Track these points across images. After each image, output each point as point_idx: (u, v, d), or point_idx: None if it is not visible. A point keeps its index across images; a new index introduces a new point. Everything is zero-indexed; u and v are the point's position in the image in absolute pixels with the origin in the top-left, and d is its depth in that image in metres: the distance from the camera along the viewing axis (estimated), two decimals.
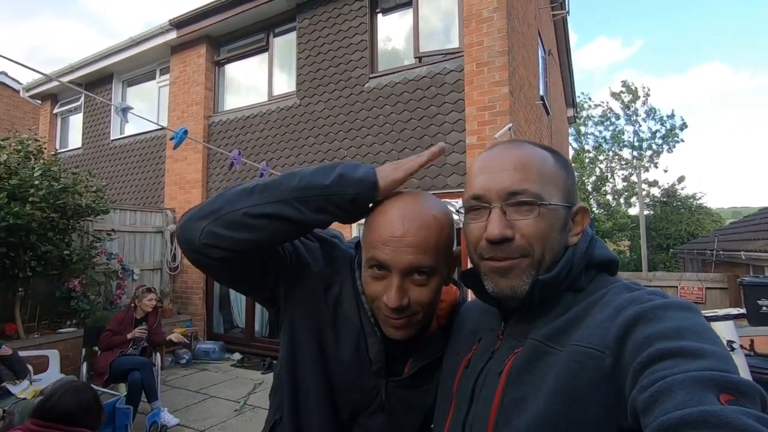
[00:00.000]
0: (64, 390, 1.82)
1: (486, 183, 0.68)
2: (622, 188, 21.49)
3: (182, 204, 6.77)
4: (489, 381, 0.67)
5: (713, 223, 17.16)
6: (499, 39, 4.45)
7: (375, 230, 0.77)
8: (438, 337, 0.88)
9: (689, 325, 0.51)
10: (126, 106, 1.38)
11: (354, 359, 0.85)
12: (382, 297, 0.76)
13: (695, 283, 6.01)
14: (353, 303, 0.86)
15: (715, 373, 0.44)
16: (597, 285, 0.67)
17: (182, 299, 6.58)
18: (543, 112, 6.60)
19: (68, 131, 9.55)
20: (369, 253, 0.77)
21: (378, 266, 0.76)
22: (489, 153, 0.73)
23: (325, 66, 5.69)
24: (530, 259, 0.66)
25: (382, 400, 0.85)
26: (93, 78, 8.24)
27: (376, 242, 0.76)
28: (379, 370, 0.85)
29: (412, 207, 0.77)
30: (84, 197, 4.88)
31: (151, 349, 4.12)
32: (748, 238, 6.48)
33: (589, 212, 0.72)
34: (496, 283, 0.68)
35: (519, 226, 0.65)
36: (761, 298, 3.89)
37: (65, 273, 4.68)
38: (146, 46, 7.22)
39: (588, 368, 0.56)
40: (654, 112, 21.34)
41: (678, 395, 0.43)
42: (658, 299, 0.57)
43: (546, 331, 0.64)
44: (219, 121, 6.69)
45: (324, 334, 0.86)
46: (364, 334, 0.85)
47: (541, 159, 0.69)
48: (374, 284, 0.78)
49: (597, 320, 0.59)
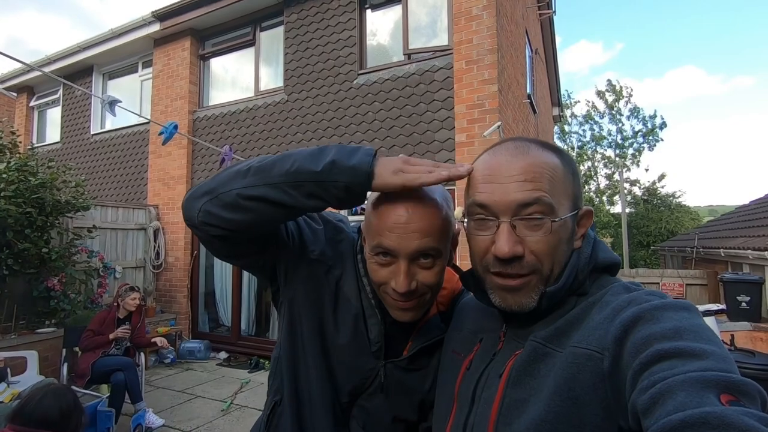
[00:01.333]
0: (43, 393, 1.75)
1: (494, 193, 0.65)
2: (605, 186, 21.92)
3: (166, 201, 6.63)
4: (490, 382, 0.67)
5: (692, 220, 17.62)
6: (488, 37, 4.46)
7: (379, 217, 0.77)
8: (437, 321, 0.90)
9: (688, 326, 0.51)
10: (113, 99, 1.33)
11: (353, 340, 0.87)
12: (389, 282, 0.77)
13: (676, 279, 6.15)
14: (354, 285, 0.88)
15: (716, 373, 0.44)
16: (597, 285, 0.67)
17: (166, 298, 6.46)
18: (530, 110, 6.65)
19: (46, 125, 9.25)
20: (374, 241, 0.77)
21: (384, 253, 0.77)
22: (495, 157, 0.69)
23: (313, 62, 5.62)
24: (539, 276, 0.65)
25: (381, 381, 0.87)
26: (72, 70, 7.98)
27: (381, 229, 0.76)
28: (378, 351, 0.86)
29: (413, 192, 0.76)
30: (63, 193, 4.73)
31: (134, 350, 4.03)
32: (726, 235, 6.66)
33: (593, 214, 0.71)
34: (504, 300, 0.67)
35: (529, 243, 0.64)
36: (740, 294, 4.01)
37: (44, 271, 4.53)
38: (128, 39, 7.02)
39: (587, 370, 0.56)
40: (638, 111, 21.81)
41: (679, 396, 0.43)
42: (657, 300, 0.57)
43: (546, 333, 0.64)
44: (204, 116, 6.56)
45: (324, 316, 0.88)
46: (365, 315, 0.87)
47: (551, 167, 0.66)
48: (381, 270, 0.78)
49: (596, 321, 0.59)
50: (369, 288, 0.87)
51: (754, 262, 4.55)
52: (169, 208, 6.59)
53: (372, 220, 0.79)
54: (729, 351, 2.62)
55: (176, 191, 6.54)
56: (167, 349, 4.59)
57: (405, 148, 4.89)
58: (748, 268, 4.86)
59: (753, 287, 3.95)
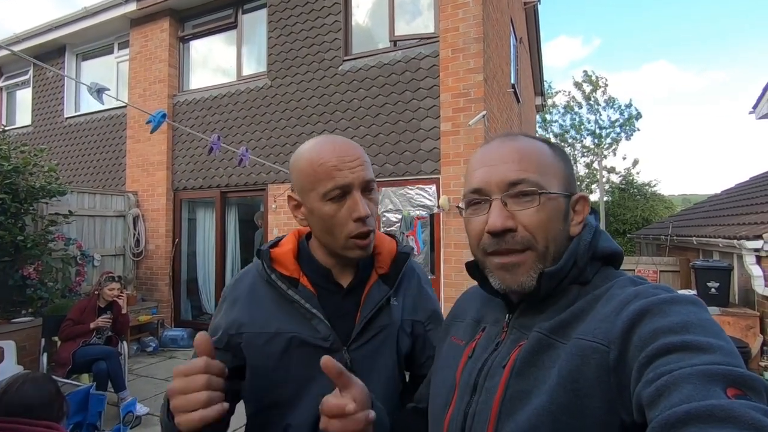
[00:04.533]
0: (22, 382, 1.71)
1: (485, 176, 0.69)
2: (584, 174, 22.36)
3: (146, 187, 6.48)
4: (493, 372, 0.67)
5: (666, 209, 18.15)
6: (474, 25, 4.46)
7: (325, 163, 0.85)
8: (380, 286, 0.96)
9: (695, 320, 0.51)
10: (101, 87, 1.28)
11: (310, 357, 0.88)
12: (349, 216, 0.85)
13: (650, 266, 6.37)
14: (284, 307, 0.91)
15: (722, 367, 0.44)
16: (602, 278, 0.68)
17: (147, 285, 6.36)
18: (514, 99, 6.70)
19: (15, 107, 8.87)
20: (329, 184, 0.84)
21: (339, 194, 0.85)
22: (486, 147, 0.73)
23: (298, 46, 5.52)
24: (535, 252, 0.66)
25: (350, 368, 0.88)
26: (43, 50, 7.64)
27: (332, 172, 0.84)
28: (334, 343, 0.89)
29: (340, 138, 0.91)
30: (36, 178, 4.58)
31: (116, 338, 3.98)
32: (698, 224, 6.91)
33: (589, 201, 0.72)
34: (503, 279, 0.68)
35: (520, 217, 0.66)
36: (710, 280, 4.19)
37: (19, 259, 4.40)
38: (102, 18, 6.75)
39: (592, 362, 0.55)
40: (613, 101, 22.21)
41: (685, 389, 0.43)
42: (664, 293, 0.57)
43: (551, 324, 0.64)
44: (185, 101, 6.40)
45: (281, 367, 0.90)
46: (309, 322, 0.90)
47: (538, 150, 0.70)
48: (338, 213, 0.85)
49: (602, 314, 0.59)
50: (296, 294, 0.91)
51: (723, 250, 4.75)
52: (149, 195, 6.45)
53: (316, 169, 0.85)
54: None
55: (156, 177, 6.40)
56: None
57: (390, 136, 4.88)
58: (719, 255, 5.07)
59: (722, 274, 4.13)
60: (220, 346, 0.92)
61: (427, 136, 4.69)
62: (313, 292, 0.92)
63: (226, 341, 0.92)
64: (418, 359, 1.05)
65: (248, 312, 0.93)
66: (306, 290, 0.91)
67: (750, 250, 4.00)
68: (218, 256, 6.18)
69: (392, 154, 4.86)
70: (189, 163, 6.27)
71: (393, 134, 4.87)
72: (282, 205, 5.49)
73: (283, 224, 5.46)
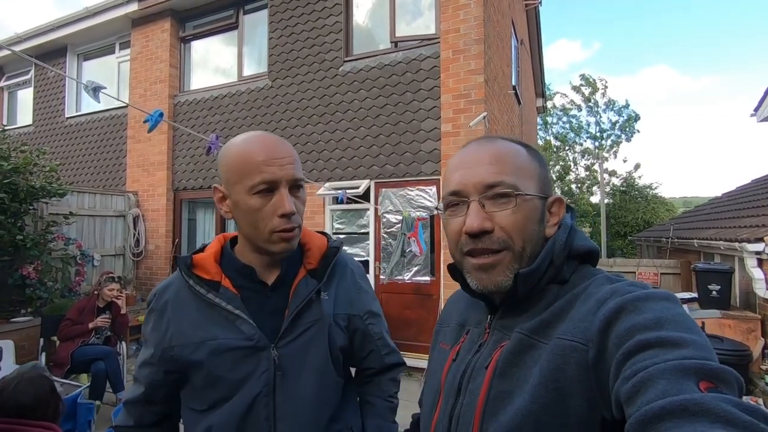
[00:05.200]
0: (17, 381, 1.69)
1: (463, 178, 0.70)
2: (585, 177, 22.35)
3: (146, 187, 6.48)
4: (476, 373, 0.68)
5: (667, 211, 18.14)
6: (475, 27, 4.45)
7: (254, 158, 0.85)
8: (308, 280, 0.96)
9: (669, 315, 0.52)
10: (97, 85, 1.27)
11: (239, 360, 0.89)
12: (274, 212, 0.86)
13: (651, 269, 6.35)
14: (206, 312, 0.91)
15: (695, 361, 0.45)
16: (580, 276, 0.69)
17: (147, 286, 6.35)
18: (515, 101, 6.70)
19: (16, 107, 8.88)
20: (257, 178, 0.85)
21: (265, 189, 0.85)
22: (464, 150, 0.75)
23: (299, 47, 5.52)
24: (511, 253, 0.67)
25: (277, 363, 0.90)
26: (44, 50, 7.65)
27: (261, 166, 0.85)
28: (260, 341, 0.89)
29: (272, 135, 0.91)
30: (36, 178, 4.57)
31: (115, 338, 3.97)
32: (699, 226, 6.89)
33: (564, 203, 0.74)
34: (480, 280, 0.69)
35: (497, 218, 0.67)
36: (711, 283, 4.17)
37: (18, 259, 4.40)
38: (104, 18, 6.76)
39: (571, 361, 0.57)
40: (613, 103, 22.20)
41: (659, 384, 0.44)
42: (638, 290, 0.58)
43: (531, 324, 0.65)
44: (185, 101, 6.40)
45: (213, 367, 0.90)
46: (233, 324, 0.90)
47: (515, 152, 0.71)
48: (264, 206, 0.86)
49: (580, 313, 0.60)
50: (217, 297, 0.90)
51: (725, 252, 4.73)
52: (149, 195, 6.44)
53: (246, 162, 0.86)
54: None
55: (156, 177, 6.40)
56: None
57: (390, 137, 4.88)
58: (720, 258, 5.05)
59: (723, 276, 4.11)
60: (154, 361, 0.93)
61: (428, 137, 4.68)
62: (235, 292, 0.91)
63: (159, 356, 0.93)
64: (359, 353, 1.07)
65: (175, 323, 0.92)
66: (228, 292, 0.91)
67: (751, 252, 3.99)
68: None
69: (392, 155, 4.85)
70: (189, 163, 6.26)
71: (393, 135, 4.87)
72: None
73: None
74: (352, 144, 5.09)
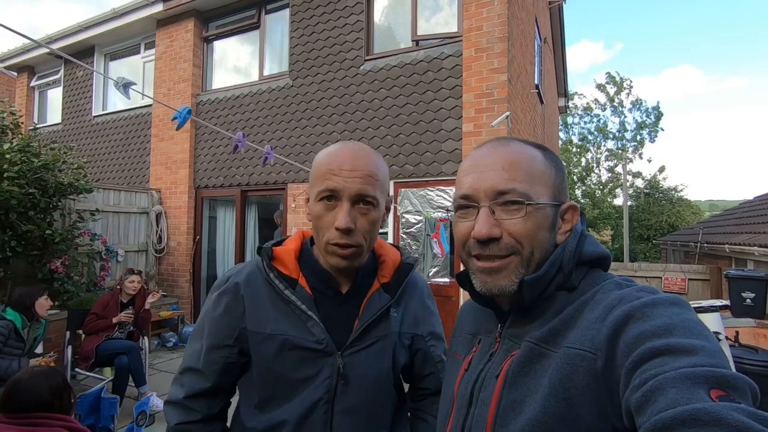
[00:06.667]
0: (30, 376, 1.71)
1: (474, 182, 0.69)
2: (607, 179, 21.86)
3: (168, 185, 6.59)
4: (487, 383, 0.68)
5: (693, 215, 17.61)
6: (499, 24, 4.37)
7: (326, 164, 0.86)
8: (379, 293, 0.95)
9: (678, 322, 0.51)
10: (128, 81, 1.28)
11: (304, 359, 0.89)
12: (331, 223, 0.85)
13: (678, 274, 6.15)
14: (279, 307, 0.91)
15: (705, 368, 0.44)
16: (589, 282, 0.67)
17: (168, 282, 6.46)
18: (537, 100, 6.57)
19: (46, 106, 9.15)
20: (321, 185, 0.86)
21: (329, 196, 0.85)
22: (477, 152, 0.74)
23: (319, 46, 5.53)
24: (519, 257, 0.66)
25: (342, 371, 0.89)
26: (73, 50, 7.85)
27: (327, 174, 0.85)
28: (328, 347, 0.89)
29: (358, 147, 0.90)
30: (65, 174, 4.69)
31: (138, 333, 4.04)
32: (731, 231, 6.64)
33: (578, 210, 0.73)
34: (484, 283, 0.69)
35: (507, 226, 0.66)
36: (745, 290, 4.00)
37: (46, 253, 4.52)
38: (130, 19, 6.90)
39: (580, 370, 0.56)
40: (640, 103, 21.65)
41: (670, 393, 0.43)
42: (647, 296, 0.57)
43: (541, 333, 0.64)
44: (207, 100, 6.48)
45: (282, 361, 0.90)
46: (305, 324, 0.89)
47: (529, 157, 0.69)
48: (325, 215, 0.86)
49: (588, 321, 0.60)
50: (293, 296, 0.90)
51: (759, 259, 4.54)
52: (171, 192, 6.55)
53: (319, 167, 0.88)
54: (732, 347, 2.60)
55: (179, 175, 6.50)
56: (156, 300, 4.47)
57: (411, 137, 4.83)
58: (753, 264, 4.85)
59: (759, 284, 3.94)
60: (229, 342, 0.93)
61: (449, 137, 4.62)
62: (310, 293, 0.91)
63: (236, 336, 0.93)
64: (419, 373, 1.06)
65: (250, 308, 0.93)
66: (303, 291, 0.91)
67: None
68: (238, 254, 6.23)
69: (413, 155, 4.81)
70: (211, 161, 6.34)
71: (414, 135, 4.82)
72: (302, 205, 5.50)
73: (303, 224, 5.47)
74: (372, 144, 5.06)
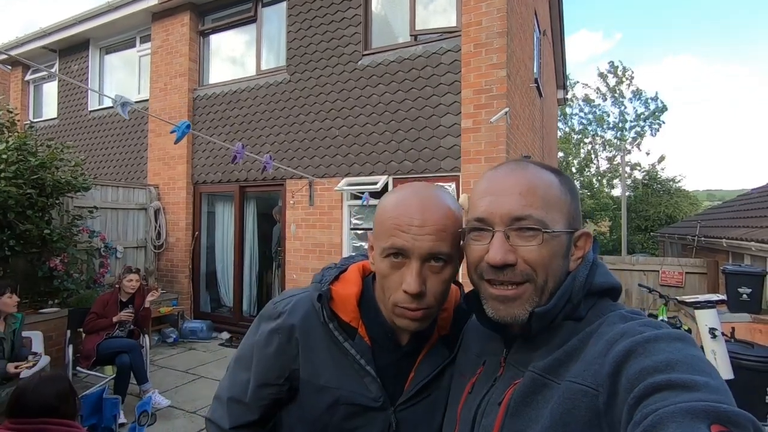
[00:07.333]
0: (37, 382, 1.73)
1: (490, 206, 0.68)
2: (605, 170, 21.84)
3: (166, 180, 6.57)
4: (489, 409, 0.68)
5: (690, 205, 17.63)
6: (498, 19, 4.33)
7: (392, 218, 0.77)
8: (439, 347, 0.89)
9: (681, 357, 0.51)
10: (125, 101, 1.27)
11: (356, 413, 0.85)
12: (399, 284, 0.77)
13: (676, 267, 6.19)
14: (337, 358, 0.86)
15: (707, 404, 0.43)
16: (597, 313, 0.67)
17: (167, 278, 6.47)
18: (536, 94, 6.54)
19: (42, 100, 9.07)
20: (387, 242, 0.77)
21: (395, 254, 0.76)
22: (494, 174, 0.73)
23: (317, 41, 5.47)
24: (533, 285, 0.66)
25: (393, 429, 0.85)
26: (67, 44, 7.79)
27: (394, 230, 0.76)
28: (384, 403, 0.84)
29: (428, 196, 0.78)
30: (62, 172, 4.67)
31: (138, 331, 4.06)
32: (728, 224, 6.66)
33: (591, 237, 0.72)
34: (497, 310, 0.68)
35: (522, 253, 0.65)
36: (742, 286, 4.03)
37: (45, 252, 4.52)
38: (125, 12, 6.81)
39: (582, 406, 0.56)
40: (640, 93, 21.55)
41: (669, 428, 0.42)
42: (650, 331, 0.57)
43: (545, 363, 0.64)
44: (204, 95, 6.43)
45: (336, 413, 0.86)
46: (362, 379, 0.85)
47: (546, 184, 0.69)
48: (392, 275, 0.78)
49: (591, 355, 0.60)
50: (352, 349, 0.85)
51: (756, 254, 4.56)
52: (169, 188, 6.54)
53: (384, 220, 0.78)
54: (728, 342, 2.61)
55: (176, 171, 6.48)
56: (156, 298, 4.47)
57: (409, 132, 4.82)
58: (749, 258, 4.88)
59: (755, 279, 3.97)
60: (279, 382, 0.88)
61: (448, 133, 4.61)
62: (368, 344, 0.86)
63: (286, 377, 0.87)
64: None
65: (304, 353, 0.87)
66: (362, 343, 0.86)
67: None
68: (237, 249, 6.24)
69: (411, 151, 4.80)
70: (209, 157, 6.32)
71: (412, 131, 4.80)
72: (300, 201, 5.49)
73: (301, 219, 5.47)
74: (370, 139, 5.05)
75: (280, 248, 5.75)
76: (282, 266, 5.70)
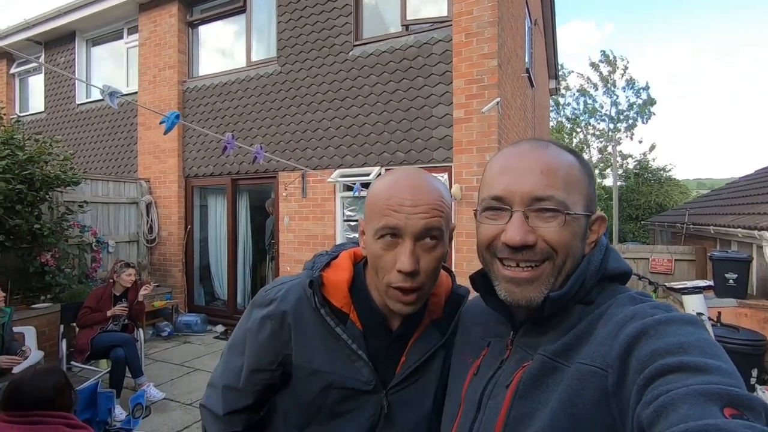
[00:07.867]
0: (32, 375, 1.73)
1: (509, 185, 0.66)
2: (597, 160, 21.99)
3: (157, 174, 6.51)
4: (497, 391, 0.68)
5: (681, 194, 17.82)
6: (489, 8, 4.32)
7: (385, 199, 0.78)
8: (431, 330, 0.89)
9: (693, 340, 0.51)
10: (114, 90, 1.25)
11: (348, 397, 0.86)
12: (393, 264, 0.77)
13: (665, 255, 6.27)
14: (328, 342, 0.86)
15: (720, 386, 0.43)
16: (606, 296, 0.67)
17: (161, 272, 6.45)
18: (528, 84, 6.54)
19: (28, 93, 8.92)
20: (380, 222, 0.77)
21: (389, 234, 0.77)
22: (513, 151, 0.71)
23: (308, 31, 5.43)
24: (552, 264, 0.65)
25: (386, 413, 0.86)
26: (53, 36, 7.64)
27: (387, 210, 0.77)
28: (375, 387, 0.85)
29: (418, 177, 0.81)
30: (51, 167, 4.62)
31: (132, 325, 4.05)
32: (716, 212, 6.76)
33: (606, 221, 0.72)
34: (511, 293, 0.67)
35: (542, 233, 0.64)
36: (728, 271, 4.11)
37: (36, 247, 4.48)
38: (111, 2, 6.68)
39: (591, 387, 0.56)
40: (633, 82, 21.65)
41: (682, 409, 0.42)
42: (661, 314, 0.56)
43: (555, 347, 0.64)
44: (194, 87, 6.37)
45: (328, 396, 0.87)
46: (353, 363, 0.86)
47: (567, 164, 0.67)
48: (385, 255, 0.78)
49: (601, 336, 0.59)
50: (344, 333, 0.85)
51: (743, 240, 4.64)
52: (160, 182, 6.49)
53: (376, 202, 0.79)
54: (714, 327, 2.67)
55: (167, 164, 6.42)
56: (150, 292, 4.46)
57: (401, 123, 4.81)
58: (737, 245, 4.97)
59: (741, 265, 4.04)
60: (272, 367, 0.88)
61: (440, 124, 4.61)
62: (360, 329, 0.86)
63: (279, 362, 0.88)
64: None
65: (296, 338, 0.88)
66: (354, 328, 0.86)
67: None
68: (230, 242, 6.23)
69: (403, 142, 4.80)
70: (200, 150, 6.27)
71: (404, 121, 4.80)
72: (293, 193, 5.48)
73: (294, 212, 5.47)
74: (362, 130, 5.04)
75: (274, 241, 5.74)
76: (276, 258, 5.70)
